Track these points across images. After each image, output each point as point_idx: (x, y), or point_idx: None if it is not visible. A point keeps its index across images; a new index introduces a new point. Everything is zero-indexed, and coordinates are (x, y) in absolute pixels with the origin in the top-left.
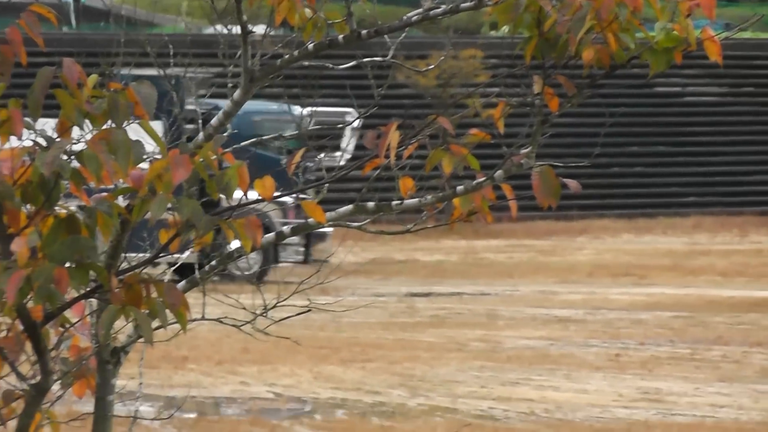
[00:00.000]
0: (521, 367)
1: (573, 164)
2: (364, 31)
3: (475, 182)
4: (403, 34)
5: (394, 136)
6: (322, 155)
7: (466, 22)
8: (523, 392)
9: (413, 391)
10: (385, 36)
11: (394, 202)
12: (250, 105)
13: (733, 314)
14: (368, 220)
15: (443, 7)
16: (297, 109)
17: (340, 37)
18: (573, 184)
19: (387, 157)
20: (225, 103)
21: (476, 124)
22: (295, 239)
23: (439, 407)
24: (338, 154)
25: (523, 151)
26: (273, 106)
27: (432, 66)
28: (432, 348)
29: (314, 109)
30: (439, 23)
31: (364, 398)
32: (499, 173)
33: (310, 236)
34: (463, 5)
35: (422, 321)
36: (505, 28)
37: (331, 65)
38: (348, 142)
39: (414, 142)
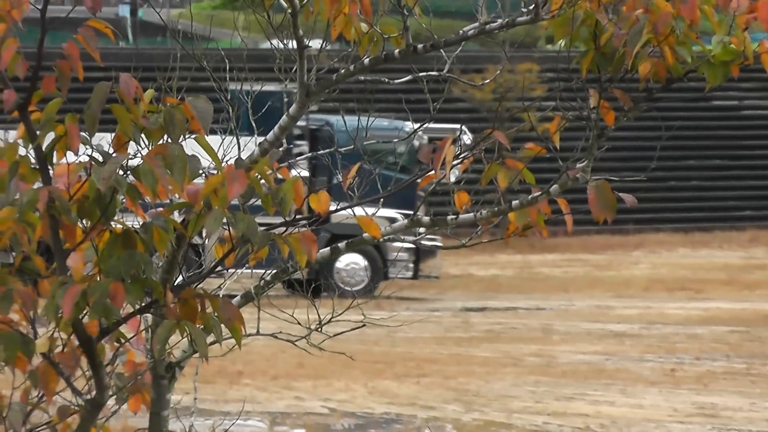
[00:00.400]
0: (576, 381)
1: (629, 178)
2: (420, 45)
3: (530, 196)
4: (459, 48)
5: (449, 151)
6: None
7: (522, 36)
8: (578, 407)
9: (468, 406)
10: (441, 50)
11: (450, 217)
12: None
13: None
14: (423, 235)
15: (499, 21)
16: (403, 125)
17: (396, 51)
18: (629, 199)
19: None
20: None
21: (532, 138)
22: (404, 255)
23: (494, 422)
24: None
25: (579, 165)
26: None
27: (488, 80)
28: (487, 363)
29: (430, 126)
30: (496, 37)
31: (419, 413)
32: (554, 187)
33: (419, 252)
34: (519, 19)
35: (477, 336)
36: (561, 42)
37: (386, 79)
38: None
39: (470, 157)
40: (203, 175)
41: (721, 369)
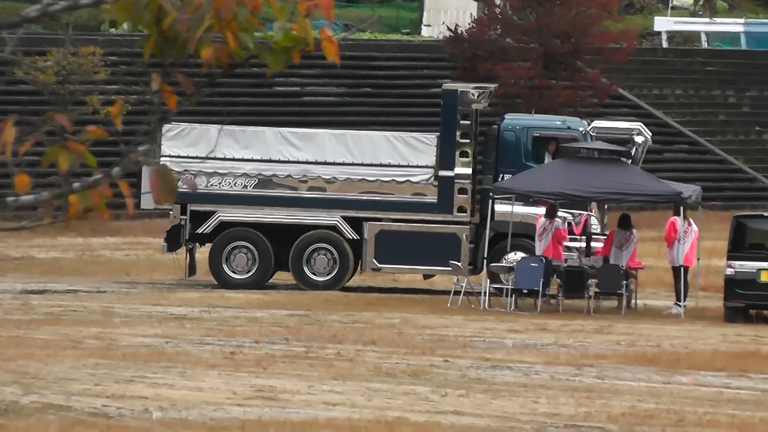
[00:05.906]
0: (136, 364)
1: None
2: None
3: (92, 179)
4: (22, 30)
5: (9, 133)
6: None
7: (86, 19)
8: (137, 390)
9: (26, 388)
10: (1, 31)
11: (10, 199)
12: (531, 120)
13: (348, 313)
14: None
15: (62, 3)
16: (580, 124)
17: None
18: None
19: (2, 153)
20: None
21: (95, 121)
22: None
23: (52, 405)
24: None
25: (142, 148)
26: (556, 121)
27: (50, 62)
28: (46, 345)
29: (602, 125)
30: (59, 19)
31: None
32: (116, 170)
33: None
34: (82, 2)
35: (37, 318)
36: (125, 26)
37: None
38: (638, 158)
39: (30, 139)
40: None
41: (280, 352)
